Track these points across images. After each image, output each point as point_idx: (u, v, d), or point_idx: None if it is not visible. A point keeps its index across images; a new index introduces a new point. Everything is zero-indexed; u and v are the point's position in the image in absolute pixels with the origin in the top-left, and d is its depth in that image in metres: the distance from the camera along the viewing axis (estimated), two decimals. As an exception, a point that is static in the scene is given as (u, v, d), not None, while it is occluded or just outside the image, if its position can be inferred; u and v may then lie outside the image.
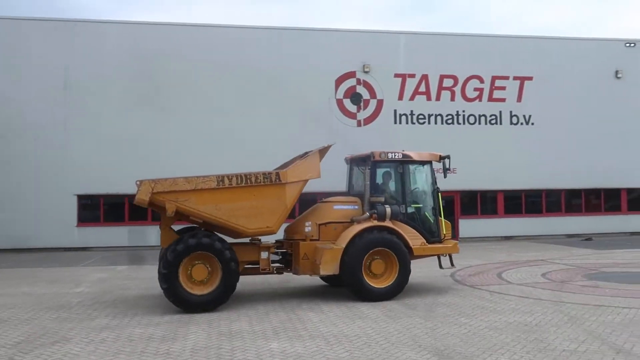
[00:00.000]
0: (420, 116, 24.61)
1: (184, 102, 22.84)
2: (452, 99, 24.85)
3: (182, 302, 9.03)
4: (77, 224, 22.26)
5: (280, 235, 10.50)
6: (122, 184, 19.29)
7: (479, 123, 24.98)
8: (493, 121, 25.07)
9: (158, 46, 22.87)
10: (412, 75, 24.52)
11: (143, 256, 19.11)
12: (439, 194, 11.08)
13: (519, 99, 25.31)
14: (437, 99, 24.75)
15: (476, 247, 20.89)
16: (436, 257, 11.05)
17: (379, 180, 10.86)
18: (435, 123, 24.71)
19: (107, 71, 22.48)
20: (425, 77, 24.62)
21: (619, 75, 25.94)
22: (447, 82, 24.82)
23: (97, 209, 22.83)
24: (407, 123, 24.46)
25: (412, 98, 24.55)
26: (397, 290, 10.07)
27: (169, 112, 22.67)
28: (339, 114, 23.94)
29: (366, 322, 8.29)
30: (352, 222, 10.27)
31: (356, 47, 24.32)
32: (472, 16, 63.31)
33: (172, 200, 8.94)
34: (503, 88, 25.20)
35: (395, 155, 10.75)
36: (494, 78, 25.11)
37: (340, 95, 24.10)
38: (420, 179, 11.16)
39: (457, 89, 24.88)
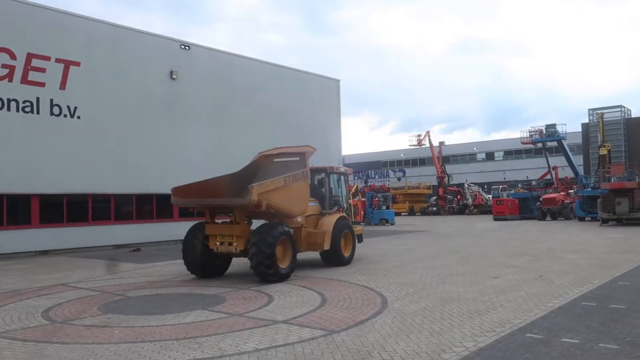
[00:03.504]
0: None
1: None
2: (-30, 73, 18.81)
3: (278, 276, 12.03)
4: None
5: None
6: None
7: (9, 109, 19.70)
8: (28, 109, 20.17)
9: None
10: None
11: None
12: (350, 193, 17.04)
13: (63, 86, 21.20)
14: (-54, 70, 18.30)
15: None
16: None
17: (333, 185, 15.47)
18: (-59, 103, 18.18)
19: None
20: None
21: (174, 77, 24.92)
22: (-37, 51, 18.66)
23: None
24: None
25: None
26: (353, 256, 15.31)
27: None
28: None
29: None
30: (322, 214, 14.69)
31: None
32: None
33: (265, 199, 12.02)
34: (42, 70, 20.61)
35: (342, 169, 16.20)
36: (30, 56, 20.25)
37: None
38: (343, 185, 16.07)
39: (-22, 62, 19.01)
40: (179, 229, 24.87)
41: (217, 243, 12.67)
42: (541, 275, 12.23)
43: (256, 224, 13.12)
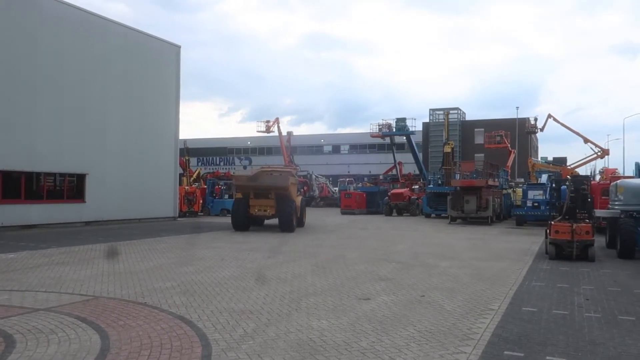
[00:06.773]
0: None
1: None
2: None
3: (293, 229, 21.97)
4: None
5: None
6: None
7: None
8: None
9: None
10: None
11: None
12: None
13: None
14: None
15: None
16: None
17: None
18: None
19: None
20: None
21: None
22: None
23: None
24: None
25: None
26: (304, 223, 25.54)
27: None
28: None
29: None
30: None
31: None
32: None
33: (290, 186, 22.15)
34: None
35: (300, 170, 44.33)
36: None
37: None
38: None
39: None
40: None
41: (256, 210, 22.37)
42: (423, 295, 9.29)
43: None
